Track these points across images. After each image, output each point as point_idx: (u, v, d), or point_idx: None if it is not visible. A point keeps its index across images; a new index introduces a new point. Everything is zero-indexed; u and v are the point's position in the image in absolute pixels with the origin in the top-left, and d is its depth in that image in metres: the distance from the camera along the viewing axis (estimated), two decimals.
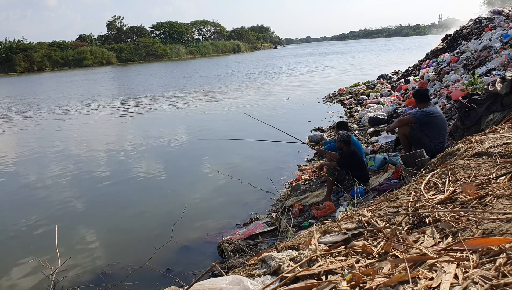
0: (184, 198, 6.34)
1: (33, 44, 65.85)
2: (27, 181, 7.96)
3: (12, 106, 20.77)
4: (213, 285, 1.52)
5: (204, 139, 10.21)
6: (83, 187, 7.35)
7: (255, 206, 5.78)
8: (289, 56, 58.09)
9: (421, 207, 1.89)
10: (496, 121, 4.78)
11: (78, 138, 11.69)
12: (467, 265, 1.23)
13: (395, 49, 51.51)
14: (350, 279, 1.31)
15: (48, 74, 54.48)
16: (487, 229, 1.43)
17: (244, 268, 1.78)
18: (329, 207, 4.67)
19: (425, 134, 4.79)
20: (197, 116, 14.18)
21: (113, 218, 5.94)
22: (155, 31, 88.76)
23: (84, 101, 20.81)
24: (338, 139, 5.14)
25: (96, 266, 4.53)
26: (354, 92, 14.85)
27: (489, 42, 10.63)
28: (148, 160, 8.76)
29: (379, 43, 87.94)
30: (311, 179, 6.36)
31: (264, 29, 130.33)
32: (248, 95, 18.66)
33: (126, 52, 74.96)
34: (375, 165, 5.72)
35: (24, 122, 15.29)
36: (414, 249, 1.42)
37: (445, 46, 15.91)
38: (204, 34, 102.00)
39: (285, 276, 1.47)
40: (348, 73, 25.11)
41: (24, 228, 5.70)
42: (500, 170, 2.15)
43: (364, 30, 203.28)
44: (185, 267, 4.27)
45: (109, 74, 45.97)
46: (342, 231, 1.78)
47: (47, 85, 34.71)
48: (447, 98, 8.05)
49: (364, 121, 9.82)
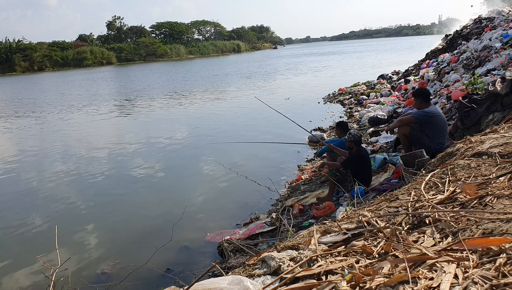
0: (184, 198, 6.35)
1: (33, 44, 65.85)
2: (27, 181, 7.95)
3: (12, 106, 20.77)
4: (213, 285, 1.52)
5: (204, 139, 10.22)
6: (83, 187, 7.35)
7: (255, 206, 5.78)
8: (289, 56, 58.08)
9: (421, 207, 1.89)
10: (496, 121, 4.78)
11: (78, 138, 11.69)
12: (467, 265, 1.23)
13: (395, 50, 51.52)
14: (350, 279, 1.31)
15: (48, 74, 54.47)
16: (487, 229, 1.43)
17: (244, 268, 1.78)
18: (329, 207, 4.66)
19: (425, 134, 4.79)
20: (197, 116, 14.18)
21: (113, 218, 5.94)
22: (155, 31, 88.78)
23: (84, 101, 20.81)
24: (349, 139, 5.08)
25: (96, 266, 4.53)
26: (354, 92, 14.86)
27: (489, 42, 10.63)
28: (148, 160, 8.76)
29: (379, 43, 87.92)
30: (311, 179, 6.36)
31: (264, 29, 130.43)
32: (249, 95, 18.66)
33: (126, 52, 74.96)
34: (375, 165, 5.73)
35: (24, 122, 15.28)
36: (414, 249, 1.42)
37: (445, 46, 15.92)
38: (204, 34, 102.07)
39: (285, 276, 1.47)
40: (348, 73, 25.11)
41: (24, 228, 5.70)
42: (500, 170, 2.15)
43: (364, 30, 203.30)
44: (185, 267, 4.27)
45: (109, 74, 45.95)
46: (342, 231, 1.78)
47: (47, 85, 34.68)
48: (447, 98, 8.05)
49: (364, 121, 9.82)
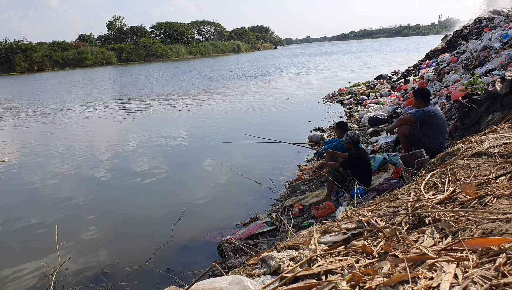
0: (184, 198, 6.34)
1: (33, 44, 65.81)
2: (27, 181, 7.95)
3: (12, 106, 20.77)
4: (213, 285, 1.52)
5: (204, 139, 10.23)
6: (83, 187, 7.35)
7: (255, 206, 5.78)
8: (289, 56, 58.07)
9: (421, 207, 1.89)
10: (495, 121, 4.78)
11: (78, 138, 11.69)
12: (467, 265, 1.23)
13: (394, 50, 51.49)
14: (350, 279, 1.31)
15: (48, 74, 54.46)
16: (487, 229, 1.43)
17: (244, 268, 1.78)
18: (329, 207, 4.66)
19: (425, 134, 4.78)
20: (197, 116, 14.17)
21: (113, 218, 5.94)
22: (155, 31, 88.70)
23: (85, 101, 20.81)
24: (347, 141, 5.04)
25: (96, 266, 4.53)
26: (354, 92, 14.86)
27: (488, 42, 10.63)
28: (148, 160, 8.76)
29: (378, 43, 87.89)
30: (311, 179, 6.36)
31: (264, 29, 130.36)
32: (249, 95, 18.66)
33: (126, 52, 74.93)
34: (375, 165, 5.72)
35: (24, 122, 15.28)
36: (414, 249, 1.42)
37: (445, 46, 15.93)
38: (204, 34, 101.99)
39: (285, 276, 1.47)
40: (348, 73, 25.10)
41: (24, 228, 5.70)
42: (499, 170, 2.15)
43: (364, 30, 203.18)
44: (185, 267, 4.27)
45: (109, 74, 45.95)
46: (342, 231, 1.78)
47: (47, 85, 34.68)
48: (446, 98, 8.05)
49: (364, 121, 9.82)
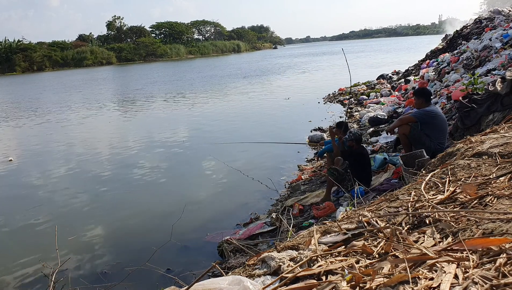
0: (184, 198, 6.34)
1: (33, 44, 65.87)
2: (27, 181, 7.96)
3: (12, 107, 20.76)
4: (213, 285, 1.52)
5: (204, 139, 10.23)
6: (83, 187, 7.35)
7: (255, 206, 5.78)
8: (289, 56, 58.07)
9: (421, 207, 1.88)
10: (496, 121, 4.78)
11: (78, 138, 11.69)
12: (467, 265, 1.23)
13: (394, 50, 51.47)
14: (350, 279, 1.31)
15: (48, 74, 54.47)
16: (487, 229, 1.43)
17: (244, 268, 1.77)
18: (329, 207, 4.66)
19: (425, 134, 4.78)
20: (197, 116, 14.17)
21: (113, 218, 5.94)
22: (155, 31, 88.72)
23: (85, 101, 20.81)
24: (350, 138, 5.12)
25: (96, 266, 4.53)
26: (354, 92, 14.85)
27: (489, 42, 10.63)
28: (148, 160, 8.76)
29: (379, 43, 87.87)
30: (311, 179, 6.36)
31: (264, 29, 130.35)
32: (249, 95, 18.66)
33: (126, 52, 74.95)
34: (375, 165, 5.72)
35: (24, 122, 15.28)
36: (414, 249, 1.42)
37: (445, 46, 15.91)
38: (204, 34, 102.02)
39: (285, 276, 1.46)
40: (348, 73, 25.03)
41: (24, 228, 5.70)
42: (500, 170, 2.14)
43: (364, 30, 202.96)
44: (185, 267, 4.26)
45: (109, 74, 45.95)
46: (342, 231, 1.77)
47: (47, 85, 34.68)
48: (447, 98, 8.05)
49: (364, 121, 9.82)
